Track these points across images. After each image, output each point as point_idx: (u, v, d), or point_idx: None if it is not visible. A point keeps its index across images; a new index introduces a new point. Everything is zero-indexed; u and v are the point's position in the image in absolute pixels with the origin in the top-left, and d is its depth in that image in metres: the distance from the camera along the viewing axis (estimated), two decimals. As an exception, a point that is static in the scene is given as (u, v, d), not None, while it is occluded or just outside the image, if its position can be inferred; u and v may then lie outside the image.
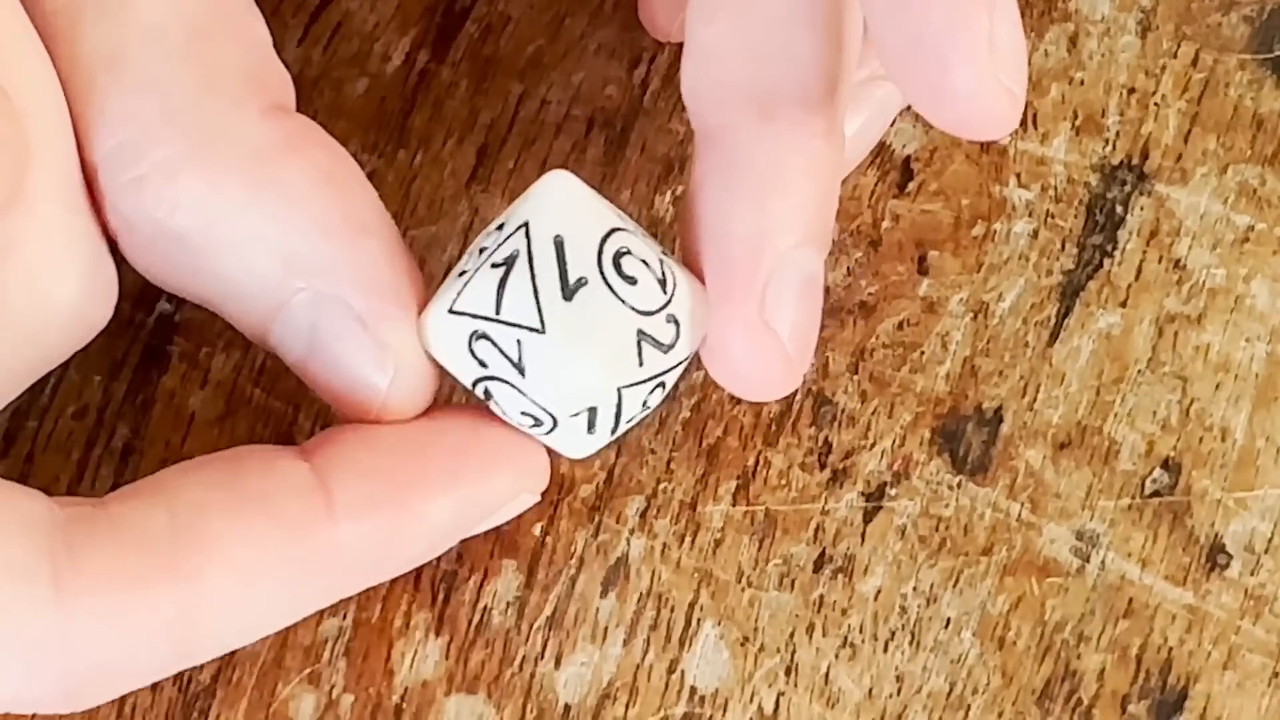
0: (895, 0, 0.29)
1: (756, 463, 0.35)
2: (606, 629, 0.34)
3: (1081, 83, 0.38)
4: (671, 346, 0.31)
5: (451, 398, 0.35)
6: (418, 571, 0.34)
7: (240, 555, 0.29)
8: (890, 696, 0.34)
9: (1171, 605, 0.34)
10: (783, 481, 0.35)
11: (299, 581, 0.30)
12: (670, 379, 0.32)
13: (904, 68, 0.29)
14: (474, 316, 0.30)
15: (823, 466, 0.35)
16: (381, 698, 0.34)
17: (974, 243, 0.36)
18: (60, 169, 0.30)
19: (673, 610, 0.34)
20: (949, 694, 0.34)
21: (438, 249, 0.36)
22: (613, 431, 0.32)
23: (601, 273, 0.30)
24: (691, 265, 0.32)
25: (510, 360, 0.30)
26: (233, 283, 0.31)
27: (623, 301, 0.30)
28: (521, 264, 0.30)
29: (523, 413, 0.31)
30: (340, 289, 0.31)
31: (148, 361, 0.36)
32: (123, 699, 0.33)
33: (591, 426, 0.31)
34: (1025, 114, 0.37)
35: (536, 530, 0.35)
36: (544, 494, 0.34)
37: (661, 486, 0.35)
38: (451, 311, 0.31)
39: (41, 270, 0.30)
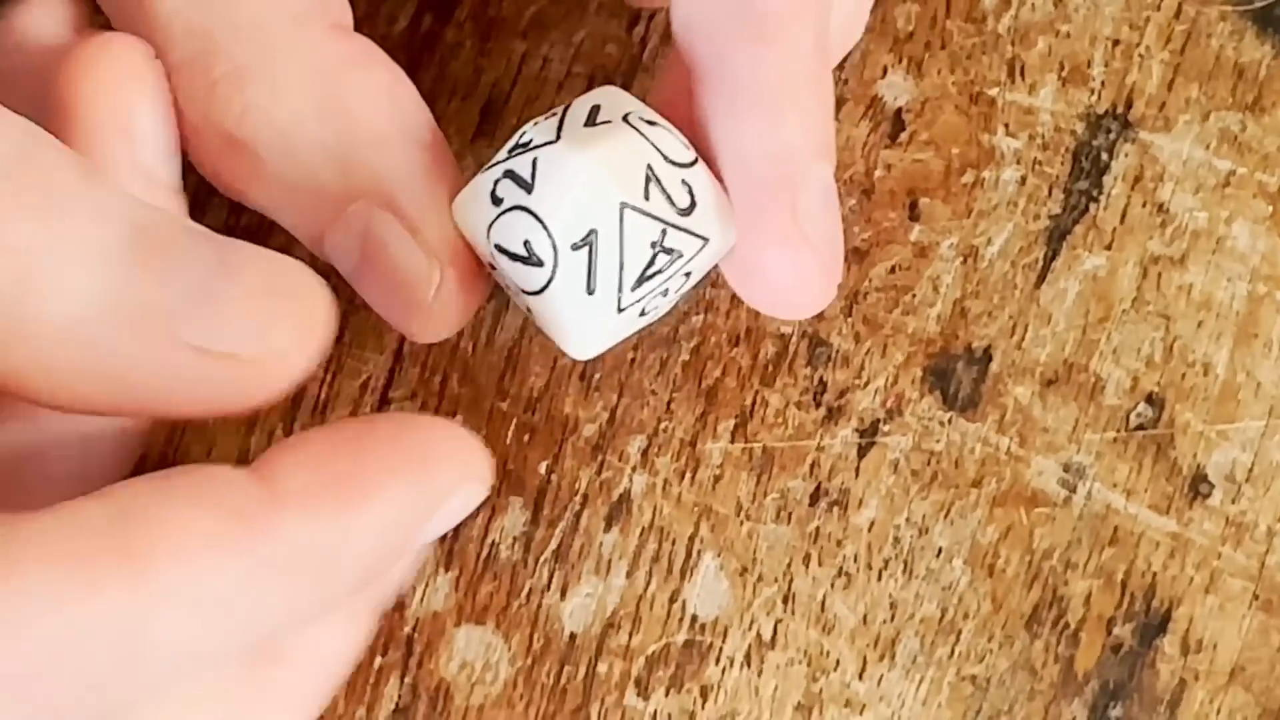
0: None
1: (754, 402, 0.36)
2: (610, 561, 0.35)
3: (1068, 35, 0.39)
4: (683, 211, 0.31)
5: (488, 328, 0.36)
6: (427, 509, 0.35)
7: (188, 541, 0.26)
8: (884, 622, 0.35)
9: (1155, 533, 0.35)
10: (779, 420, 0.36)
11: (252, 583, 0.27)
12: (672, 269, 0.32)
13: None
14: (499, 163, 0.32)
15: (818, 405, 0.36)
16: (394, 629, 0.35)
17: (964, 190, 0.38)
18: None
19: (674, 543, 0.35)
20: (941, 619, 0.35)
21: (444, 202, 0.38)
22: (617, 302, 0.31)
23: (628, 121, 0.31)
24: None
25: (523, 181, 0.31)
26: (293, 191, 0.32)
27: (642, 136, 0.31)
28: (553, 118, 0.31)
29: (526, 255, 0.31)
30: (394, 200, 0.32)
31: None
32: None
33: (591, 273, 0.31)
34: (1013, 66, 0.38)
35: (542, 469, 0.36)
36: (549, 433, 0.35)
37: (662, 426, 0.36)
38: (482, 170, 0.32)
39: None
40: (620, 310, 0.31)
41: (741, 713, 0.35)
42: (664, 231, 0.31)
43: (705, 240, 0.32)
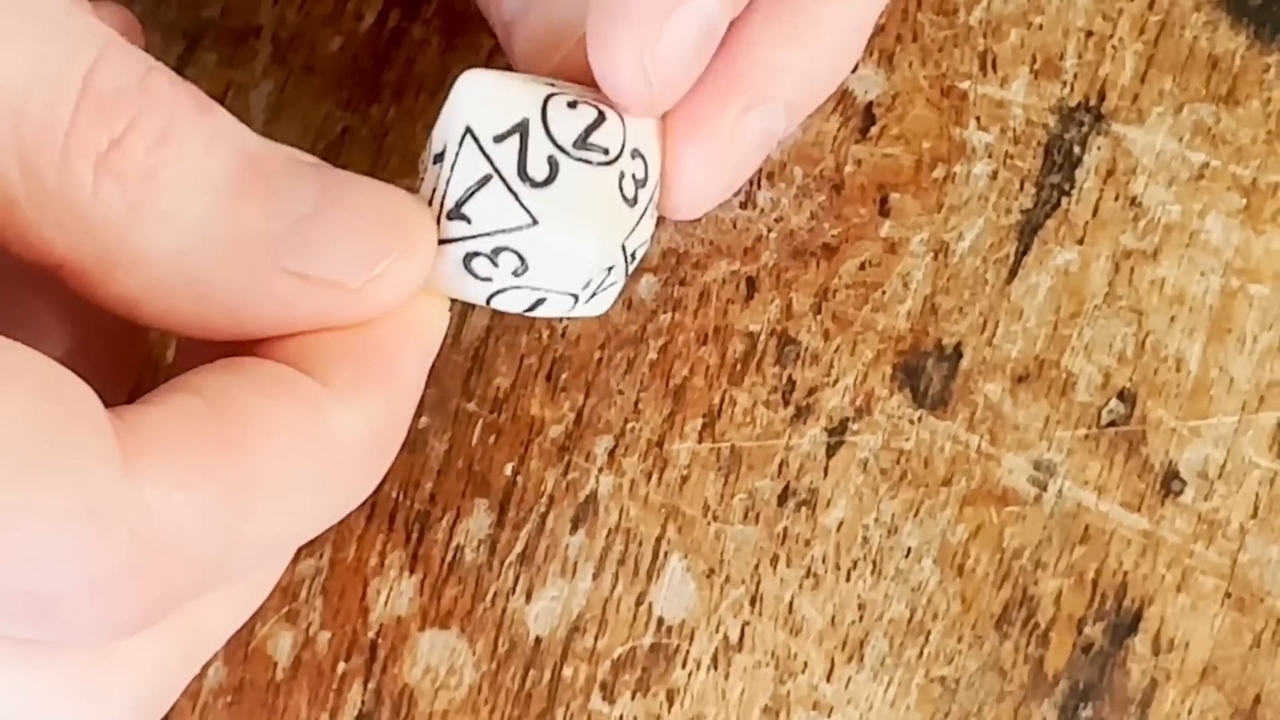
0: None
1: (722, 401, 0.36)
2: (576, 564, 0.35)
3: (1040, 27, 0.38)
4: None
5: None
6: (391, 512, 0.35)
7: (277, 434, 0.28)
8: (853, 623, 0.34)
9: (1127, 531, 0.35)
10: (748, 419, 0.36)
11: (328, 474, 0.29)
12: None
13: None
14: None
15: (786, 403, 0.36)
16: (357, 634, 0.35)
17: (934, 184, 0.37)
18: None
19: (640, 545, 0.35)
20: (910, 620, 0.34)
21: (411, 201, 0.37)
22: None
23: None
24: None
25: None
26: None
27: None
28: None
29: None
30: None
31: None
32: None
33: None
34: (985, 58, 0.38)
35: (507, 470, 0.35)
36: (514, 434, 0.35)
37: (629, 426, 0.36)
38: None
39: None
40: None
41: (708, 716, 0.34)
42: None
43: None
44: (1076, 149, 0.37)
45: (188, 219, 0.28)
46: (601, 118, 0.31)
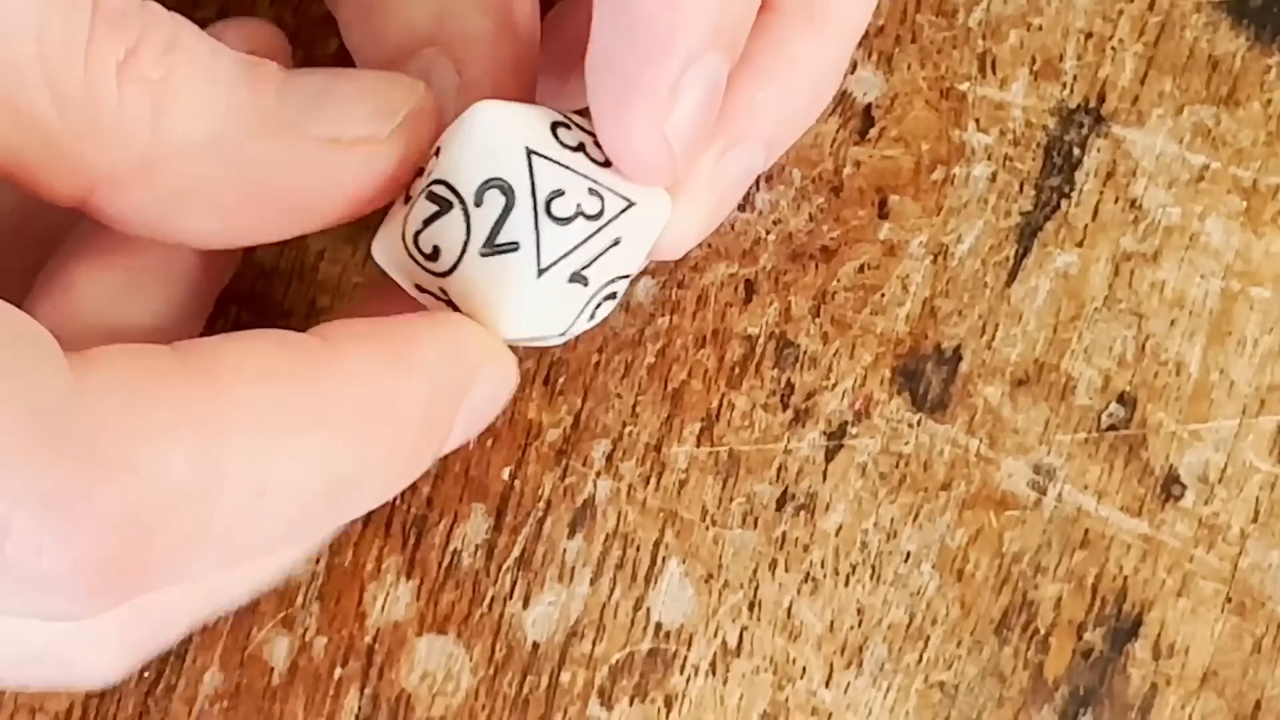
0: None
1: (720, 405, 0.36)
2: (574, 569, 0.35)
3: (1040, 28, 0.38)
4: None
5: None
6: (389, 517, 0.35)
7: (251, 366, 0.27)
8: (851, 629, 0.34)
9: (1127, 535, 0.35)
10: (746, 422, 0.36)
11: (314, 423, 0.27)
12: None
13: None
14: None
15: (785, 407, 0.36)
16: (354, 639, 0.34)
17: (934, 187, 0.37)
18: None
19: (638, 549, 0.35)
20: (909, 625, 0.34)
21: (407, 203, 0.37)
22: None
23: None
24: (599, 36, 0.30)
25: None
26: (382, 13, 0.33)
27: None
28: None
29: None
30: (467, 64, 0.32)
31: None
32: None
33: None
34: (984, 60, 0.38)
35: (505, 474, 0.35)
36: (512, 438, 0.35)
37: (627, 429, 0.36)
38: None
39: None
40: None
41: (706, 722, 0.34)
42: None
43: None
44: (1076, 151, 0.37)
45: (211, 110, 0.29)
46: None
